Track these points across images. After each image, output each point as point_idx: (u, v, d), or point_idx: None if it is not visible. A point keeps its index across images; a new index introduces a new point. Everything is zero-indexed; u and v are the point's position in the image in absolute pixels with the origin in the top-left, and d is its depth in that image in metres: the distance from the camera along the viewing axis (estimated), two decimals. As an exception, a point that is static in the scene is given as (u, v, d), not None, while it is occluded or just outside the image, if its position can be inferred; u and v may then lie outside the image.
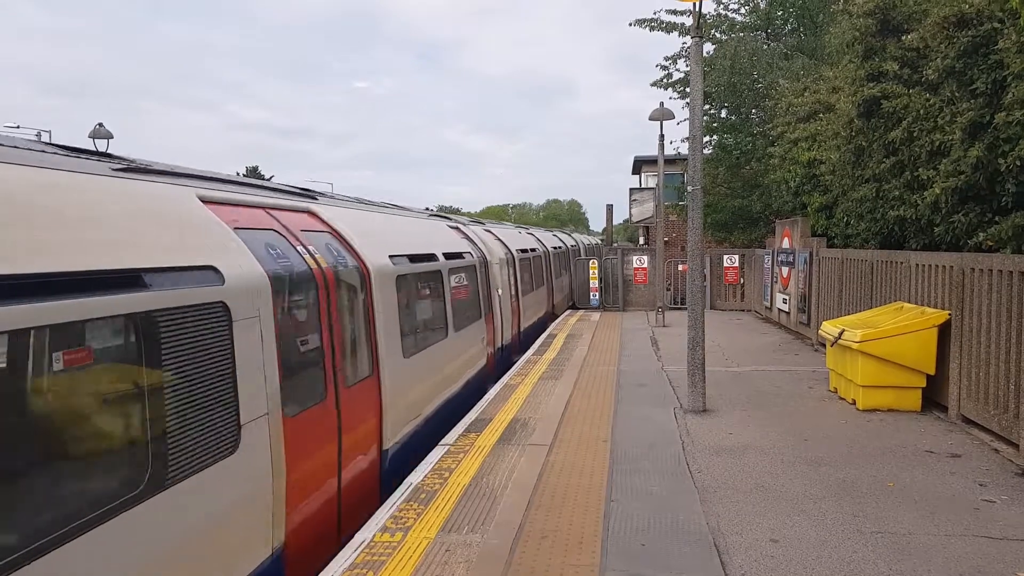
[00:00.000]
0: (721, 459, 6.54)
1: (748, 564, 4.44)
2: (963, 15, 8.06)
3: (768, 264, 16.73)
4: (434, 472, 6.14)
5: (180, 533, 3.51)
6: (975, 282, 7.24)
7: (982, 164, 7.59)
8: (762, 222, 20.55)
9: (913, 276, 8.76)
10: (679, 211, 26.72)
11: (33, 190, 3.19)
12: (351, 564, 4.42)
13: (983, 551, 4.58)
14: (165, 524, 3.41)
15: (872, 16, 10.12)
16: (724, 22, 21.32)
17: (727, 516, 5.20)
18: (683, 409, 8.42)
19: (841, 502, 5.44)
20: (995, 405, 6.85)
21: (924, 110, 8.75)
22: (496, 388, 9.64)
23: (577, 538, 4.81)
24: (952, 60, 8.15)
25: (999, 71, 7.44)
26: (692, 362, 8.32)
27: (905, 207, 9.42)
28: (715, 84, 19.49)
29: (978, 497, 5.52)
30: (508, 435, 7.28)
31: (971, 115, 7.74)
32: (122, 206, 3.74)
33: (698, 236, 8.45)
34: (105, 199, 3.67)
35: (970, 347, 7.33)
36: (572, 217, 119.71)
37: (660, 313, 17.19)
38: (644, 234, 35.65)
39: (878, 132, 10.06)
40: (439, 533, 4.87)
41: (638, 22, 20.72)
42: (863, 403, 8.17)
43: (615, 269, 20.95)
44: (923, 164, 8.87)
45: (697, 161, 8.30)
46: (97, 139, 19.46)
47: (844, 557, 4.52)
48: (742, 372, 10.76)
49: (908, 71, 9.44)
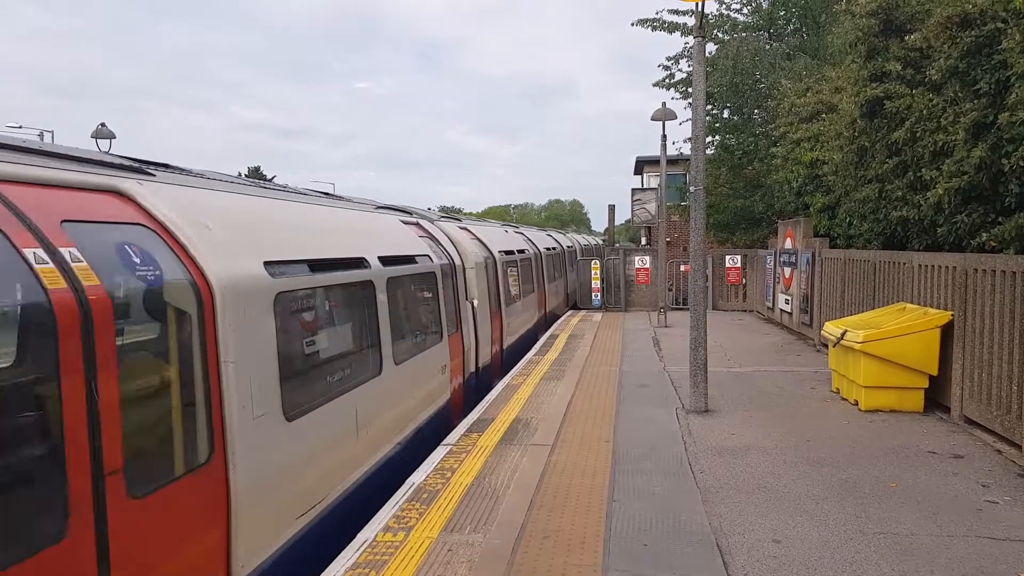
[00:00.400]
0: (723, 459, 6.53)
1: (750, 565, 4.43)
2: (966, 15, 8.05)
3: (770, 265, 16.71)
4: (436, 472, 6.14)
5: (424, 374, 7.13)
6: (978, 283, 7.23)
7: (985, 165, 7.58)
8: (764, 222, 20.54)
9: (916, 277, 8.75)
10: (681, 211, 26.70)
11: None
12: (353, 564, 4.42)
13: (986, 552, 4.57)
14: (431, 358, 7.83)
15: (875, 16, 10.11)
16: (726, 22, 21.30)
17: (729, 516, 5.19)
18: (685, 409, 8.41)
19: (843, 503, 5.43)
20: (998, 406, 6.84)
21: (927, 110, 8.73)
22: (498, 389, 9.63)
23: (579, 538, 4.80)
24: (955, 60, 8.14)
25: (1003, 71, 7.42)
26: (694, 362, 8.32)
27: (908, 207, 9.41)
28: (717, 84, 19.48)
29: (981, 498, 5.51)
30: (510, 435, 7.28)
31: (974, 115, 7.72)
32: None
33: (700, 236, 8.45)
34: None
35: (973, 348, 7.32)
36: (574, 217, 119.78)
37: (662, 313, 17.18)
38: (646, 234, 35.63)
39: (881, 132, 10.05)
40: (441, 533, 4.87)
41: (640, 22, 20.73)
42: (865, 404, 8.16)
43: (617, 269, 20.94)
44: (926, 164, 8.85)
45: (700, 161, 8.29)
46: (99, 139, 19.50)
47: (846, 558, 4.51)
48: (744, 372, 10.75)
49: (911, 71, 9.42)
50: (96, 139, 19.46)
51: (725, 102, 20.95)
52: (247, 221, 5.04)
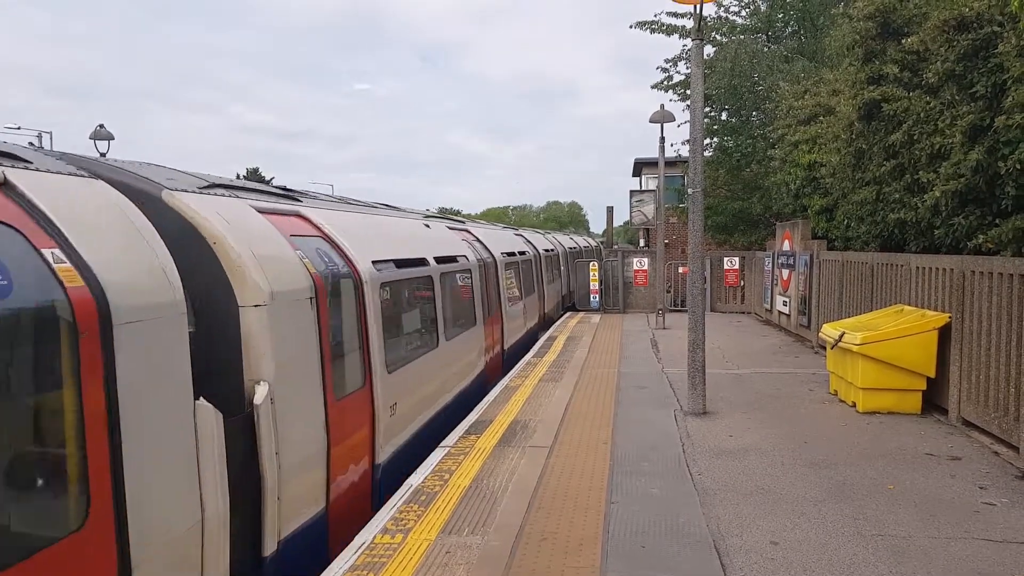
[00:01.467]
0: (721, 461, 6.54)
1: (748, 566, 4.44)
2: (963, 18, 8.08)
3: (768, 266, 16.73)
4: (434, 474, 6.14)
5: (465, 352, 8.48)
6: (975, 285, 7.25)
7: (982, 167, 7.60)
8: (762, 224, 20.56)
9: (913, 279, 8.77)
10: (679, 213, 26.74)
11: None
12: (352, 566, 4.42)
13: (983, 554, 4.58)
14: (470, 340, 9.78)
15: (872, 19, 10.14)
16: (724, 24, 21.36)
17: (727, 518, 5.20)
18: (683, 411, 8.42)
19: (841, 504, 5.44)
20: (995, 408, 6.86)
21: (924, 113, 8.76)
22: (496, 390, 9.64)
23: (577, 540, 4.81)
24: (952, 63, 8.17)
25: (999, 74, 7.45)
26: (692, 364, 8.33)
27: (905, 210, 9.43)
28: (716, 86, 19.51)
29: (978, 500, 5.52)
30: (508, 437, 7.29)
31: (971, 118, 7.75)
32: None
33: (699, 238, 8.46)
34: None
35: (970, 350, 7.33)
36: (572, 219, 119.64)
37: (660, 315, 17.19)
38: (644, 236, 35.66)
39: (878, 135, 10.07)
40: (439, 535, 4.87)
41: (638, 24, 20.77)
42: (863, 406, 8.17)
43: (615, 271, 20.94)
44: (923, 167, 8.87)
45: (698, 163, 8.31)
46: (98, 140, 19.48)
47: (844, 560, 4.52)
48: (742, 374, 10.77)
49: (908, 74, 9.45)
50: (95, 140, 19.45)
51: (723, 104, 20.98)
52: (360, 232, 7.06)
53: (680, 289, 20.86)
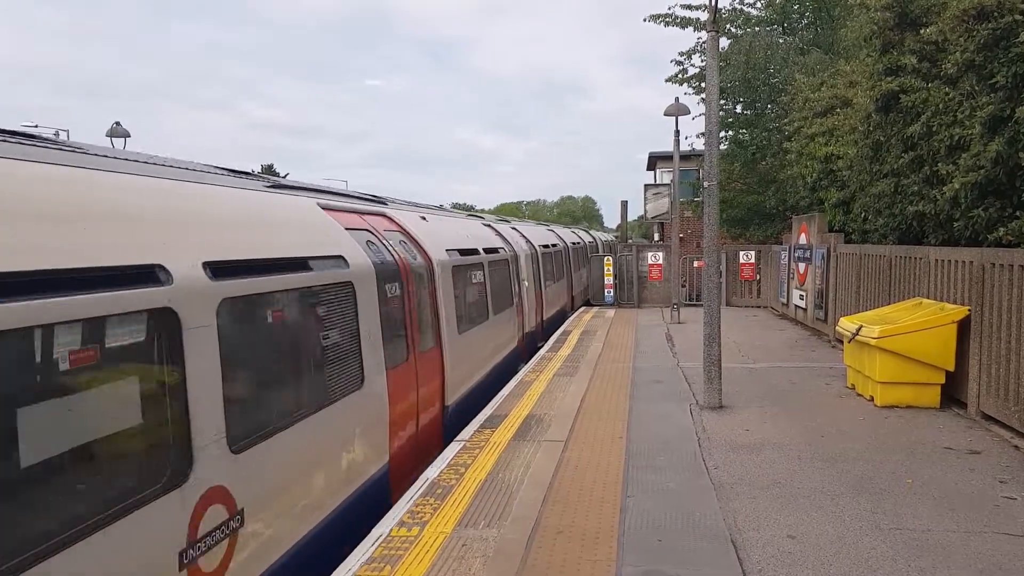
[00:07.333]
0: (738, 455, 6.52)
1: (765, 560, 4.44)
2: (983, 7, 7.96)
3: (784, 260, 16.63)
4: (450, 468, 6.17)
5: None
6: (995, 277, 7.17)
7: (1002, 158, 7.51)
8: (778, 218, 20.43)
9: (932, 271, 8.68)
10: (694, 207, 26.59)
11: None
12: (369, 558, 4.46)
13: (1003, 548, 4.54)
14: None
15: (890, 9, 10.02)
16: (739, 16, 21.21)
17: (744, 512, 5.19)
18: (699, 405, 8.40)
19: (859, 499, 5.41)
20: (1015, 401, 6.79)
21: (943, 104, 8.66)
22: (511, 385, 9.67)
23: (593, 533, 4.82)
24: (972, 54, 8.06)
25: (1020, 64, 7.34)
26: (708, 358, 8.30)
27: (924, 202, 9.33)
28: (730, 79, 19.39)
29: (998, 494, 5.48)
30: (523, 431, 7.31)
31: (991, 109, 7.65)
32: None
33: (714, 232, 8.42)
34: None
35: (990, 343, 7.26)
36: (586, 214, 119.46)
37: (675, 309, 17.14)
38: (659, 230, 35.50)
39: (896, 127, 9.97)
40: (456, 528, 4.90)
41: (652, 18, 20.65)
42: (881, 400, 8.11)
43: (630, 265, 20.90)
44: (942, 159, 8.78)
45: (713, 156, 8.27)
46: (114, 137, 19.72)
47: (862, 554, 4.50)
48: (758, 368, 10.72)
49: (927, 65, 9.34)
50: (111, 137, 19.69)
51: (738, 97, 20.85)
52: (431, 227, 8.97)
53: (695, 283, 20.77)
